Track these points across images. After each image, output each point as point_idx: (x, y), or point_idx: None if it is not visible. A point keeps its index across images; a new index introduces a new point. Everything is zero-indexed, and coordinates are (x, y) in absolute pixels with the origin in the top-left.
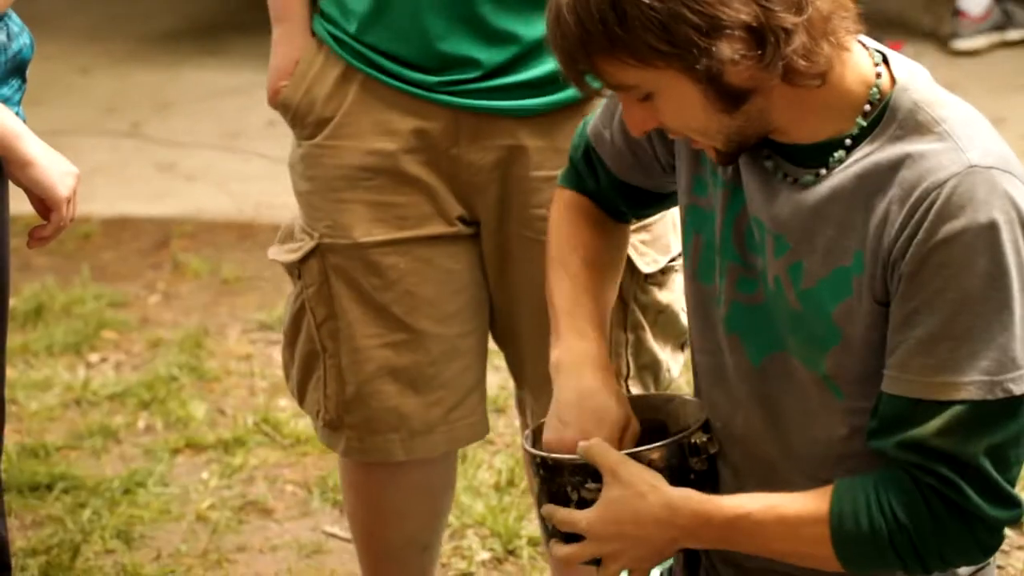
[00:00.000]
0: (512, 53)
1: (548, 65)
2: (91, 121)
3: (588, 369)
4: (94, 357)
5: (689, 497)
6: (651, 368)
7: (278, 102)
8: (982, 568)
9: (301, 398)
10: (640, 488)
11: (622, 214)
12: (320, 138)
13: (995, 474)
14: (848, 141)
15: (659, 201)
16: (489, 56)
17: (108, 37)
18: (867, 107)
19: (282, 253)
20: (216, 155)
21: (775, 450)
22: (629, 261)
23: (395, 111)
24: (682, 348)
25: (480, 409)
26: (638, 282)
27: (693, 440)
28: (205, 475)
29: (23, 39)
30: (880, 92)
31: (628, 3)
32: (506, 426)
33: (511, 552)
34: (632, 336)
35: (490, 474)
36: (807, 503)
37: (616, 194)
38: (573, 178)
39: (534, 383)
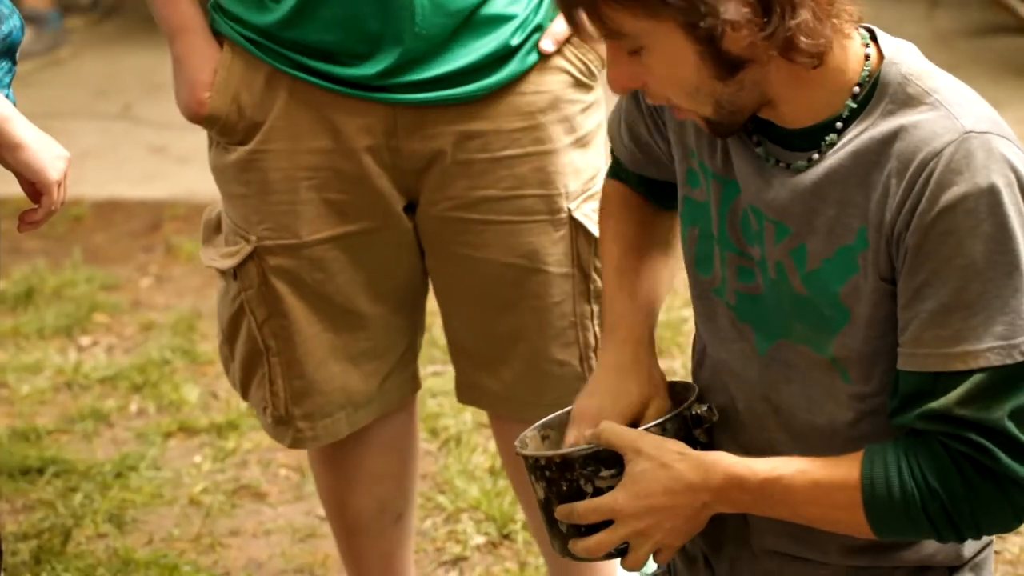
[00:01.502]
0: (445, 29)
1: (481, 50)
2: (82, 103)
3: (619, 348)
4: (85, 340)
5: (720, 458)
6: None
7: (204, 115)
8: (981, 550)
9: (244, 393)
10: (667, 458)
11: (656, 203)
12: (254, 143)
13: (1021, 435)
14: (839, 124)
15: None
16: (422, 34)
17: (99, 18)
18: (856, 88)
19: (217, 259)
20: (207, 137)
21: (782, 436)
22: (584, 230)
23: (329, 110)
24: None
25: (411, 370)
26: (594, 250)
27: (695, 411)
28: (198, 459)
29: (13, 21)
30: (869, 71)
31: None
32: None
33: (506, 536)
34: (596, 307)
35: (484, 458)
36: (839, 468)
37: (643, 187)
38: (612, 168)
39: (477, 361)
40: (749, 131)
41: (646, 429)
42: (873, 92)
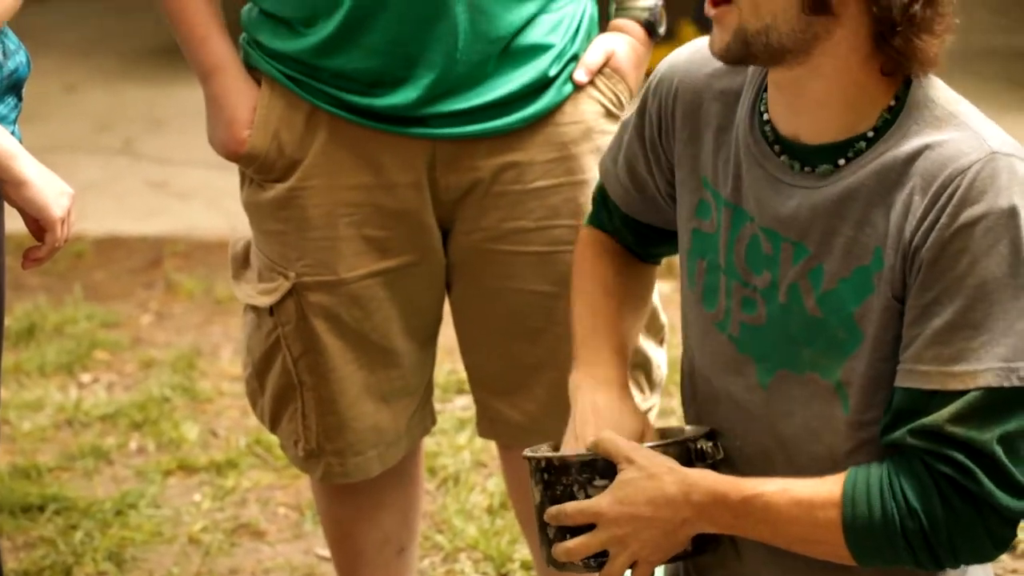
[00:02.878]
0: (485, 56)
1: (519, 80)
2: (83, 138)
3: (603, 388)
4: (86, 377)
5: (705, 475)
6: (643, 367)
7: (243, 154)
8: None
9: (273, 427)
10: (655, 469)
11: (638, 254)
12: (293, 180)
13: (1009, 463)
14: (871, 134)
15: (669, 240)
16: (462, 60)
17: (100, 53)
18: (892, 102)
19: (255, 296)
20: (209, 173)
21: (782, 468)
22: None
23: (370, 146)
24: (662, 343)
25: (430, 405)
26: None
27: (699, 445)
28: (197, 497)
29: (19, 57)
30: (899, 91)
31: None
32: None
33: None
34: None
35: (483, 497)
36: (821, 486)
37: (629, 232)
38: (594, 216)
39: (500, 391)
40: (773, 148)
41: (650, 447)
42: (899, 112)
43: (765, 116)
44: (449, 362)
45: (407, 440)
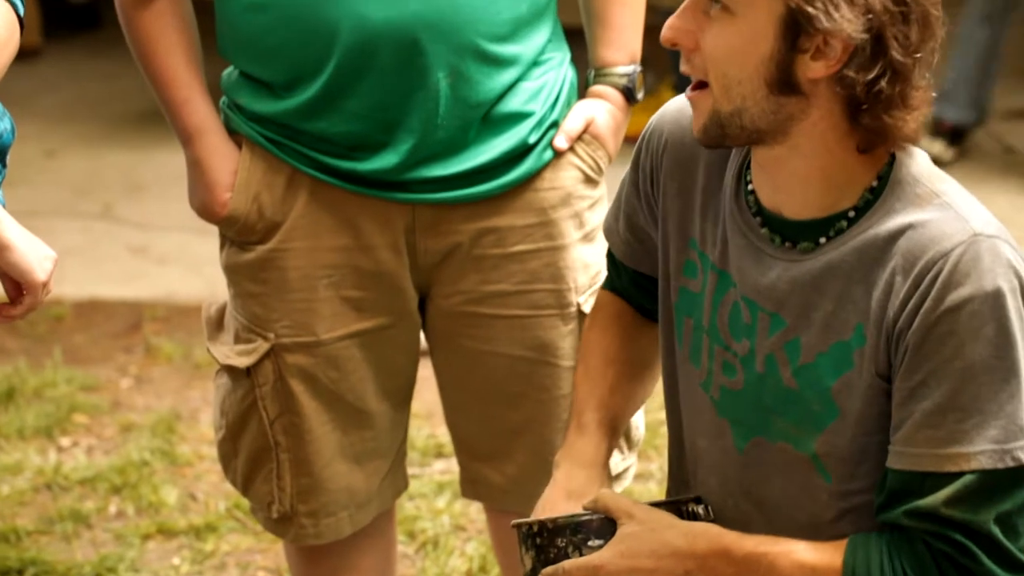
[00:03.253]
0: (465, 122)
1: (499, 147)
2: (63, 203)
3: (578, 467)
4: (65, 441)
5: (708, 528)
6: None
7: (224, 216)
8: None
9: (246, 489)
10: (657, 523)
11: (648, 311)
12: (273, 242)
13: (1006, 541)
14: (852, 213)
15: None
16: (443, 125)
17: (80, 118)
18: (875, 183)
19: (232, 356)
20: (188, 238)
21: (761, 532)
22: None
23: (350, 209)
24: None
25: (403, 467)
26: None
27: (690, 507)
28: (176, 561)
29: (4, 123)
30: (882, 169)
31: None
32: (478, 512)
33: None
34: None
35: (462, 561)
36: (823, 553)
37: (636, 289)
38: (607, 279)
39: (481, 454)
40: (756, 219)
41: (646, 504)
42: (882, 189)
43: (750, 186)
44: (428, 427)
45: (379, 501)
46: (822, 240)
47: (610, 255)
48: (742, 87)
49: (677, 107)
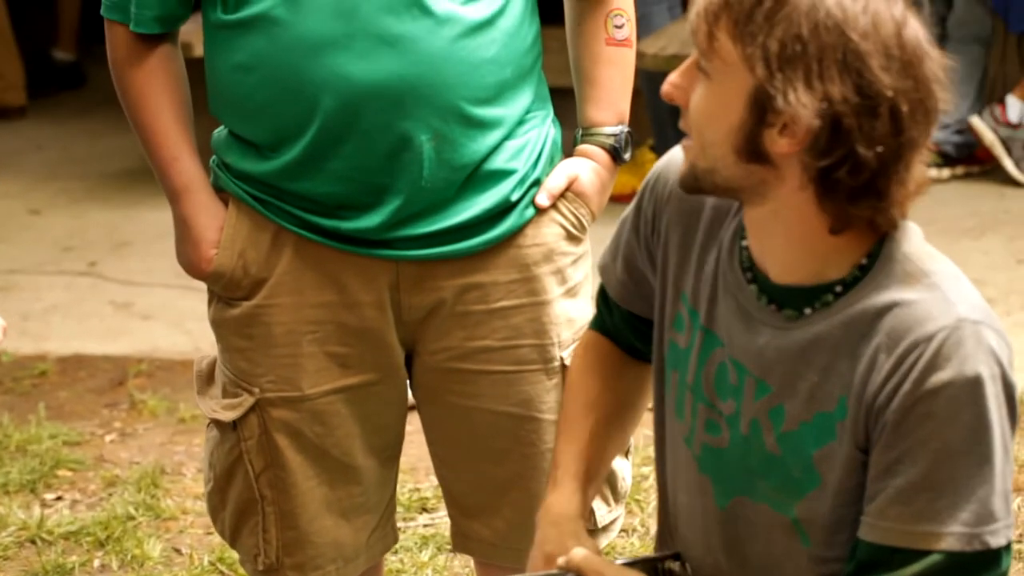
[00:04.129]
0: (449, 183)
1: (482, 204)
2: (48, 260)
3: (551, 526)
4: (49, 496)
5: None
6: (608, 479)
7: (210, 272)
8: None
9: (233, 541)
10: None
11: (638, 351)
12: (258, 298)
13: None
14: (839, 288)
15: None
16: (427, 188)
17: (65, 176)
18: (864, 260)
19: (219, 411)
20: (172, 294)
21: None
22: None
23: (334, 266)
24: (627, 455)
25: (392, 522)
26: None
27: (666, 565)
28: None
29: None
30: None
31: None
32: (461, 566)
33: None
34: None
35: None
36: None
37: (628, 329)
38: (596, 319)
39: (471, 510)
40: (747, 275)
41: (620, 563)
42: (871, 266)
43: (744, 242)
44: (412, 480)
45: (367, 556)
46: (807, 310)
47: (603, 294)
48: (715, 149)
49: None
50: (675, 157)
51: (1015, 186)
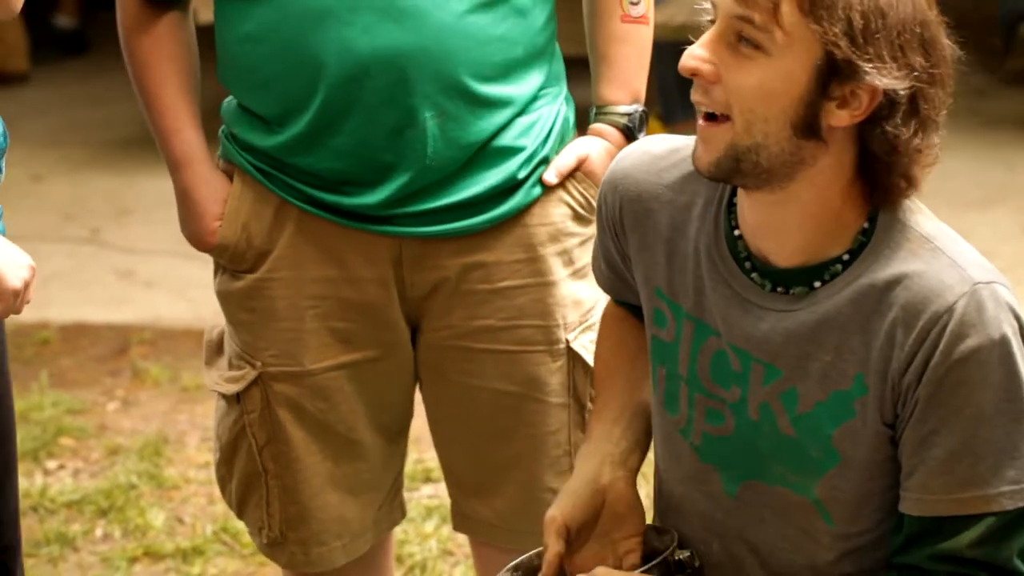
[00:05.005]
0: (455, 162)
1: (488, 181)
2: (49, 227)
3: (591, 458)
4: (52, 464)
5: None
6: None
7: (214, 244)
8: None
9: (240, 512)
10: None
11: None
12: (262, 271)
13: None
14: (846, 256)
15: None
16: (432, 166)
17: (67, 143)
18: (866, 225)
19: (222, 383)
20: (175, 262)
21: (759, 574)
22: (582, 361)
23: (336, 241)
24: None
25: (400, 498)
26: (590, 381)
27: (677, 557)
28: None
29: None
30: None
31: None
32: (466, 537)
33: None
34: None
35: None
36: None
37: (636, 313)
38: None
39: (470, 488)
40: (745, 265)
41: (637, 573)
42: (872, 233)
43: (736, 232)
44: (416, 451)
45: (374, 532)
46: (816, 284)
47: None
48: (767, 125)
49: (630, 161)
50: (621, 164)
51: (1022, 157)
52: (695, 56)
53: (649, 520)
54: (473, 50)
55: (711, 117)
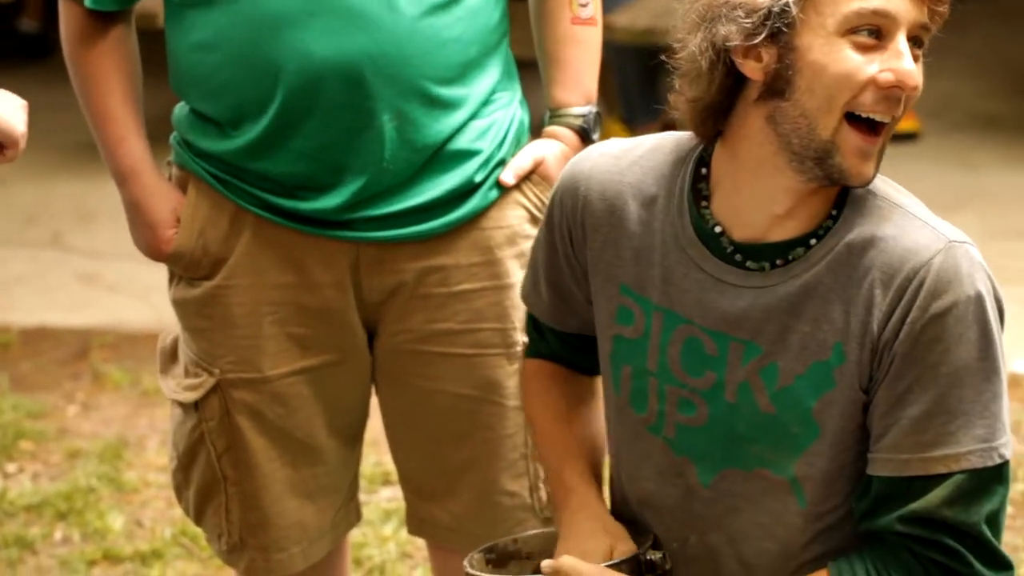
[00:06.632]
0: (412, 165)
1: (445, 185)
2: (12, 231)
3: (569, 513)
4: (11, 467)
5: None
6: None
7: (169, 253)
8: None
9: (198, 519)
10: None
11: (582, 367)
12: (219, 278)
13: (993, 539)
14: (821, 231)
15: None
16: (389, 169)
17: (30, 147)
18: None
19: (179, 391)
20: (137, 266)
21: (731, 566)
22: None
23: (293, 247)
24: None
25: (356, 501)
26: None
27: (649, 557)
28: None
29: None
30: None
31: None
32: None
33: None
34: None
35: None
36: None
37: (567, 350)
38: (531, 348)
39: (427, 492)
40: (716, 248)
41: (606, 566)
42: (844, 206)
43: (707, 215)
44: (375, 454)
45: (331, 536)
46: (791, 258)
47: (533, 321)
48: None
49: (589, 163)
50: (579, 167)
51: (986, 161)
52: (917, 73)
53: None
54: (430, 53)
55: (874, 126)
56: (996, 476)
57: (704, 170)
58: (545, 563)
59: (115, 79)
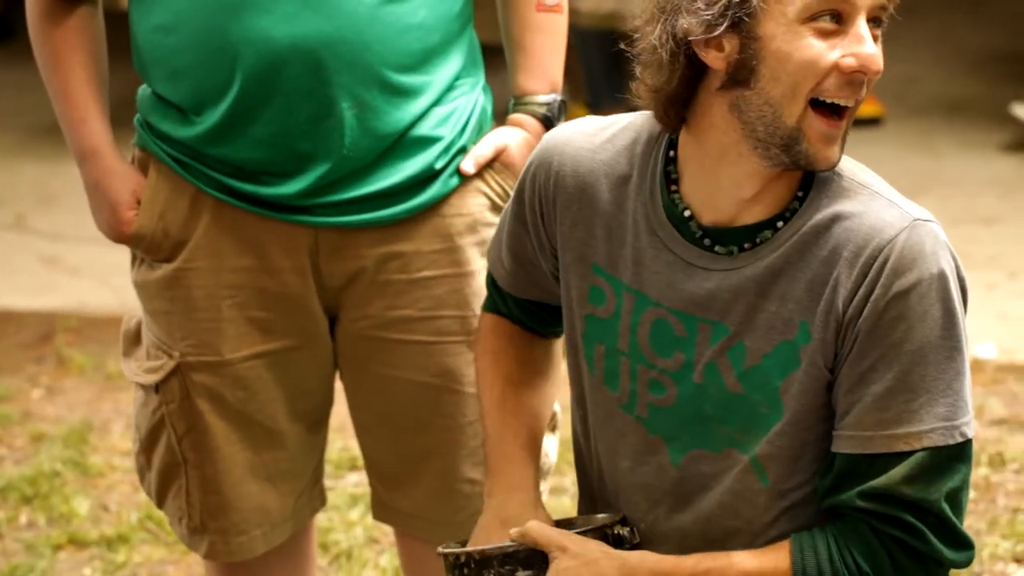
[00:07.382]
0: (372, 152)
1: (405, 171)
2: None
3: (510, 493)
4: None
5: (645, 556)
6: None
7: (130, 235)
8: None
9: (160, 502)
10: (591, 555)
11: (538, 332)
12: (179, 261)
13: (953, 518)
14: (788, 213)
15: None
16: (349, 156)
17: None
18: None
19: (140, 374)
20: (101, 249)
21: (696, 545)
22: None
23: (253, 231)
24: (554, 430)
25: (320, 485)
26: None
27: (616, 531)
28: (88, 572)
29: None
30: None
31: None
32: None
33: None
34: None
35: (376, 573)
36: (767, 558)
37: (524, 314)
38: (489, 301)
39: (389, 478)
40: (684, 231)
41: (575, 533)
42: (810, 187)
43: (676, 199)
44: (341, 439)
45: (294, 521)
46: (759, 240)
47: (491, 283)
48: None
49: (563, 139)
50: (553, 142)
51: (948, 146)
52: (877, 55)
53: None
54: (391, 40)
55: (838, 110)
56: (958, 455)
57: (673, 153)
58: (513, 530)
59: (79, 58)
